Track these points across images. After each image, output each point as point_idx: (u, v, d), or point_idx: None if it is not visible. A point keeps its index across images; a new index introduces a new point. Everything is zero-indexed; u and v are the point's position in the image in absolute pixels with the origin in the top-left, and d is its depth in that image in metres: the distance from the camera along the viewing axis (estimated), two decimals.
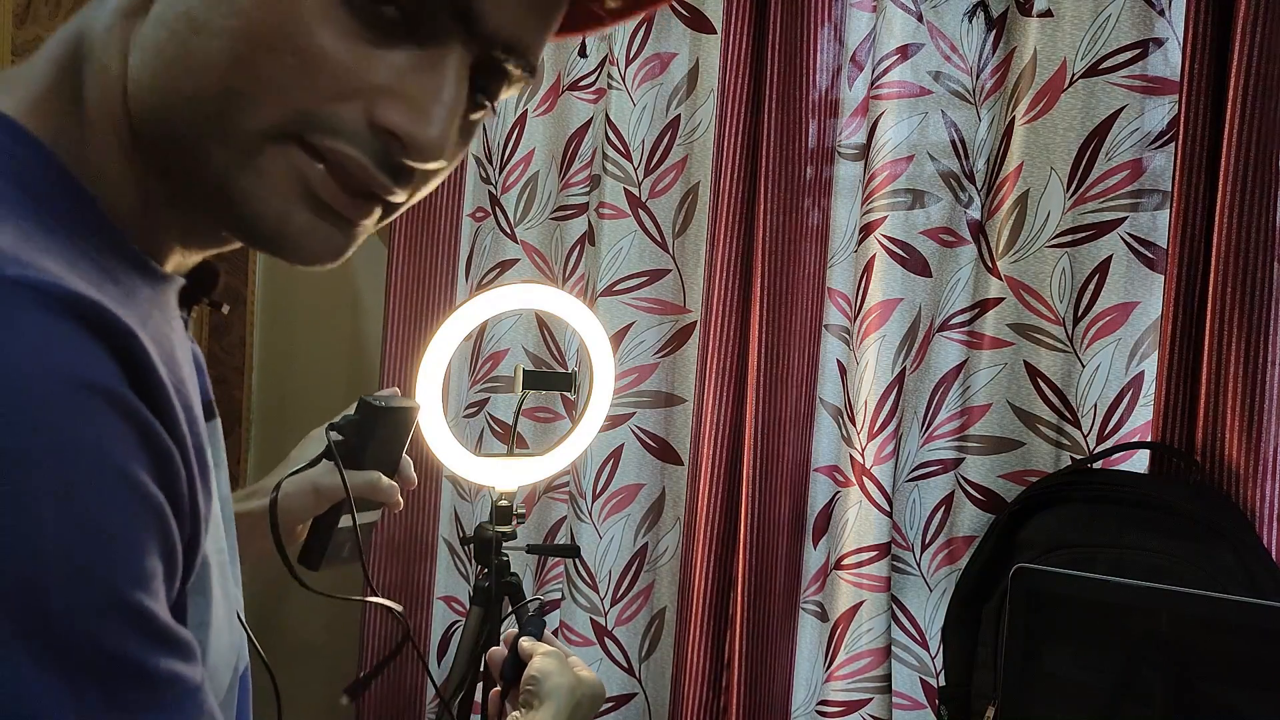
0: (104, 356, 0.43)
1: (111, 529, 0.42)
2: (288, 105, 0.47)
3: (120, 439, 0.42)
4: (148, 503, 0.43)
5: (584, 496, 1.85)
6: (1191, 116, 1.43)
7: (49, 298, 0.41)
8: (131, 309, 0.49)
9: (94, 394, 0.41)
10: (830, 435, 1.75)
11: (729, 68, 1.70)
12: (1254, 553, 1.35)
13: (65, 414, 0.40)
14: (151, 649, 0.43)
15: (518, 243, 1.95)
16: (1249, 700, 1.28)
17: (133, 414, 0.43)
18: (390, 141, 0.48)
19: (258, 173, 0.48)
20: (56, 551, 0.40)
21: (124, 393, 0.43)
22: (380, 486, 0.93)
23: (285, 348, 2.19)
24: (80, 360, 0.42)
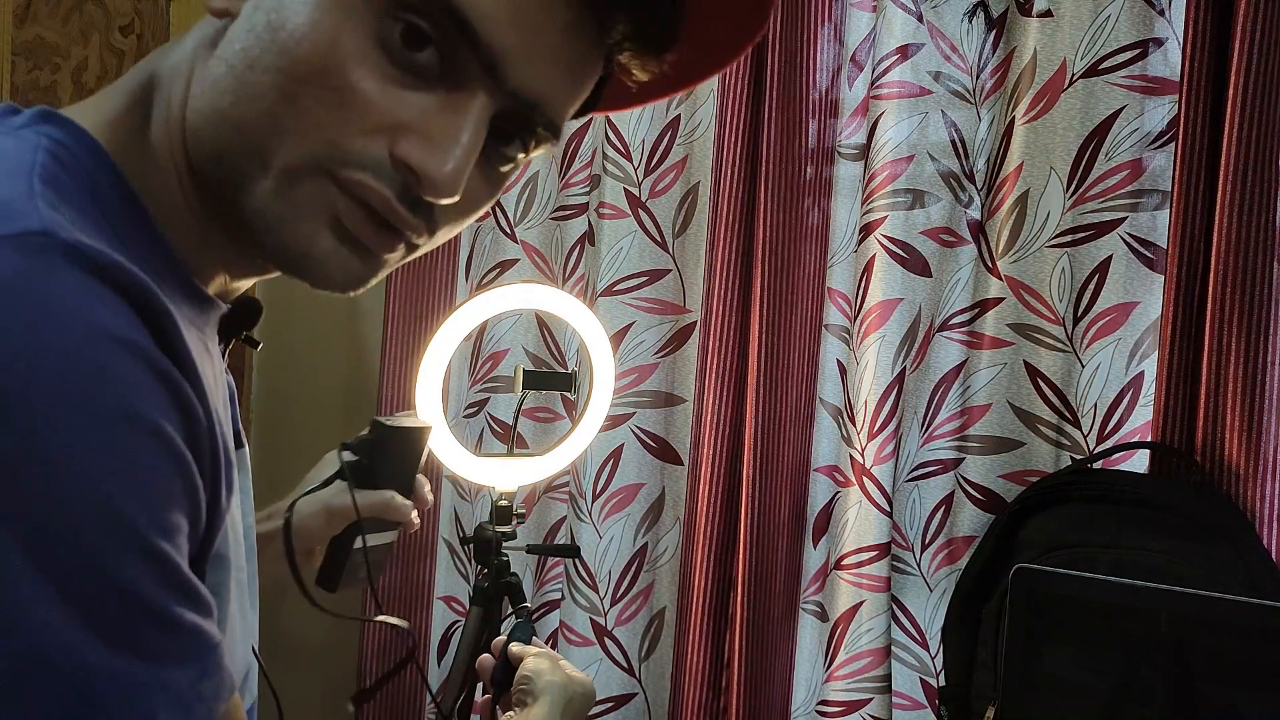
0: (136, 321, 0.46)
1: (140, 477, 0.44)
2: (321, 138, 0.51)
3: (151, 393, 0.45)
4: (175, 456, 0.45)
5: (584, 496, 1.85)
6: (1191, 116, 1.43)
7: (93, 263, 0.45)
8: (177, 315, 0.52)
9: (126, 349, 0.44)
10: (830, 435, 1.75)
11: (729, 68, 1.69)
12: (1254, 553, 1.35)
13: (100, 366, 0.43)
14: (176, 598, 0.45)
15: (518, 243, 1.95)
16: (1249, 700, 1.28)
17: (163, 373, 0.46)
18: (409, 175, 0.52)
19: (291, 202, 0.52)
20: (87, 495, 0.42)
21: (155, 352, 0.45)
22: (394, 505, 0.93)
23: (285, 348, 2.19)
24: (113, 318, 0.44)
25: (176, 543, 0.45)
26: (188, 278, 0.55)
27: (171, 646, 0.44)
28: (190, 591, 0.46)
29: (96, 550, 0.42)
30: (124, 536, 0.43)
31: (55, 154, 0.50)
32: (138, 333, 0.45)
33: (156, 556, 0.44)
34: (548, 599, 1.95)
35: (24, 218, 0.45)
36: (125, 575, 0.43)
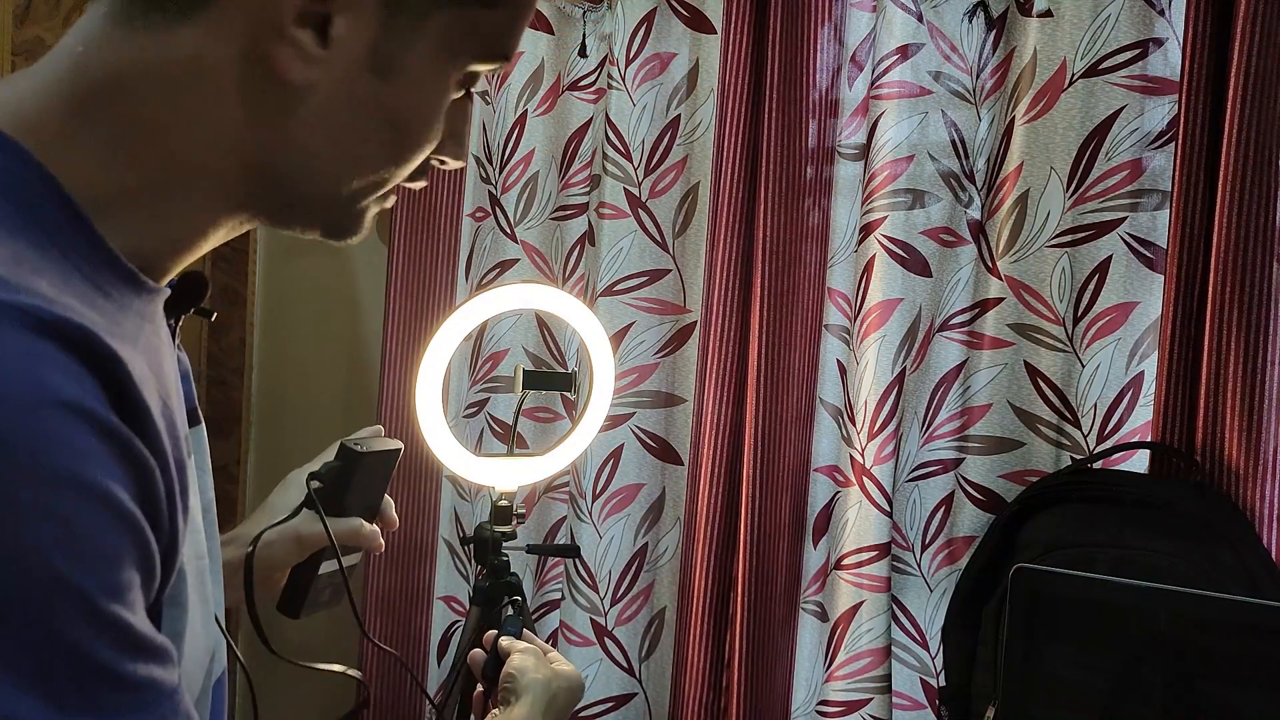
0: (86, 378, 0.46)
1: (88, 543, 0.44)
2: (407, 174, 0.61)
3: (98, 457, 0.45)
4: (124, 518, 0.46)
5: (584, 496, 1.85)
6: (1191, 116, 1.43)
7: (36, 320, 0.45)
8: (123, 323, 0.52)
9: (73, 413, 0.44)
10: (830, 435, 1.75)
11: (729, 68, 1.70)
12: (1254, 553, 1.35)
13: (45, 433, 0.43)
14: (128, 656, 0.45)
15: (518, 243, 1.95)
16: (1249, 700, 1.28)
17: (111, 432, 0.46)
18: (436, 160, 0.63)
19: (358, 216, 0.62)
20: (36, 565, 0.42)
21: (103, 412, 0.46)
22: (363, 533, 0.93)
23: (285, 348, 2.19)
24: (61, 381, 0.44)
25: (128, 600, 0.46)
26: (133, 275, 0.54)
27: (126, 701, 0.45)
28: (144, 645, 0.46)
29: (46, 619, 0.42)
30: (74, 604, 0.43)
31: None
32: (85, 392, 0.45)
33: (107, 620, 0.44)
34: (548, 599, 1.95)
35: None
36: (76, 641, 0.43)
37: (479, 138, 1.97)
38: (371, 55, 0.55)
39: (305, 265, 2.16)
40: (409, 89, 0.57)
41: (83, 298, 0.49)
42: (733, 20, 1.69)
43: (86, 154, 0.52)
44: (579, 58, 1.89)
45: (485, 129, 1.97)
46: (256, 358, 2.19)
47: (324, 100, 0.55)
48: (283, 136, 0.56)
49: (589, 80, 1.90)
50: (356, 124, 0.57)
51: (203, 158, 0.55)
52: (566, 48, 1.91)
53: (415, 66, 0.57)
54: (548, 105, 1.93)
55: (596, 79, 1.89)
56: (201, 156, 0.55)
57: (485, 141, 1.97)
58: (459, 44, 0.58)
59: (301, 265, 2.17)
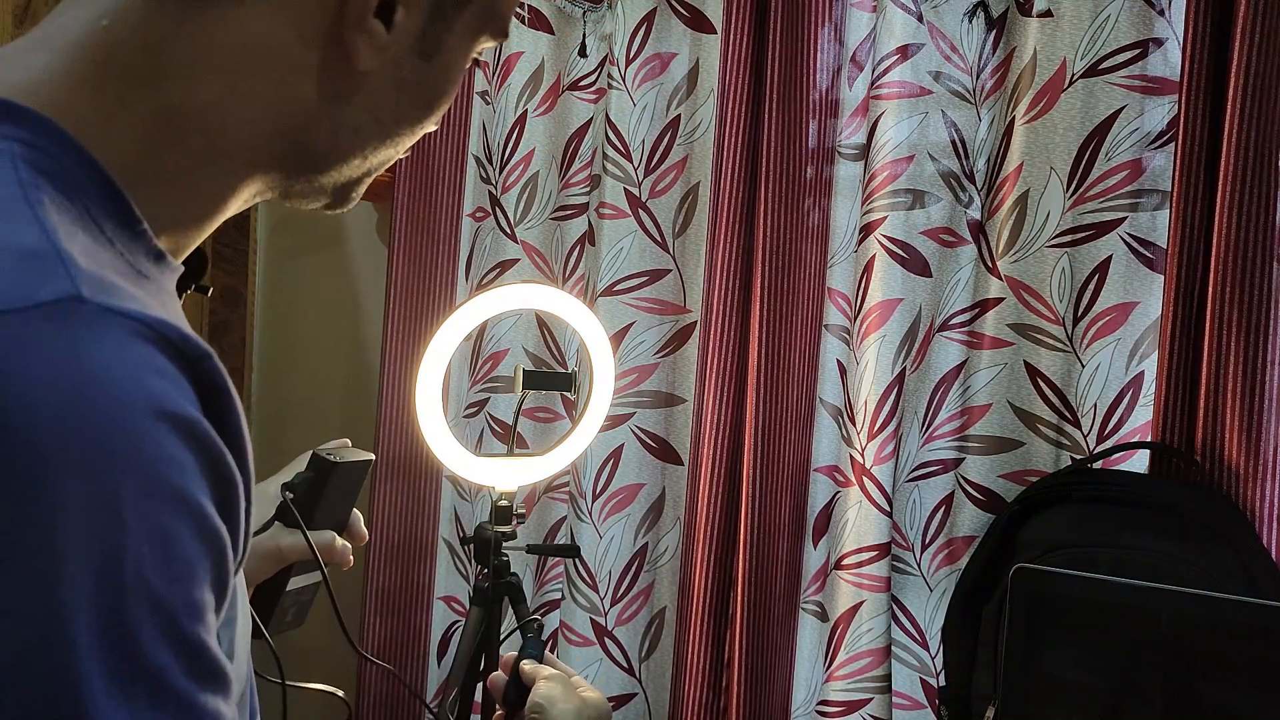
0: (184, 383, 0.46)
1: (181, 562, 0.44)
2: None
3: (194, 471, 0.45)
4: (211, 535, 0.46)
5: (584, 496, 1.85)
6: (1191, 116, 1.43)
7: (138, 326, 0.45)
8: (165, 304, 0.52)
9: (175, 424, 0.44)
10: (830, 435, 1.75)
11: (729, 68, 1.70)
12: (1254, 553, 1.35)
13: (151, 444, 0.43)
14: (201, 683, 0.45)
15: (518, 243, 1.95)
16: (1249, 700, 1.28)
17: (205, 444, 0.46)
18: None
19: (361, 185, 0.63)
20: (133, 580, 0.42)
21: (199, 421, 0.46)
22: (335, 547, 0.91)
23: (285, 348, 2.19)
24: (164, 389, 0.45)
25: (206, 621, 0.46)
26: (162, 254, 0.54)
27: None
28: (215, 673, 0.46)
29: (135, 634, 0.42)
30: (162, 623, 0.43)
31: (35, 164, 0.48)
32: (185, 401, 0.45)
33: (188, 644, 0.44)
34: (548, 599, 1.95)
35: (52, 281, 0.44)
36: (158, 662, 0.43)
37: (479, 138, 1.97)
38: (420, 40, 0.58)
39: (305, 265, 2.16)
40: (444, 68, 0.60)
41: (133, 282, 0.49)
42: (733, 20, 1.69)
43: (124, 135, 0.52)
44: (579, 58, 1.89)
45: (485, 129, 1.97)
46: (256, 358, 2.19)
47: (376, 83, 0.58)
48: (336, 118, 0.58)
49: (589, 80, 1.90)
50: (398, 103, 0.59)
51: (250, 137, 0.56)
52: (566, 48, 1.91)
53: (451, 47, 0.60)
54: (548, 105, 1.93)
55: (596, 79, 1.89)
56: (249, 136, 0.56)
57: (485, 141, 1.97)
58: (483, 22, 0.61)
59: (301, 265, 2.17)
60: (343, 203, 0.63)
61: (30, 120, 0.49)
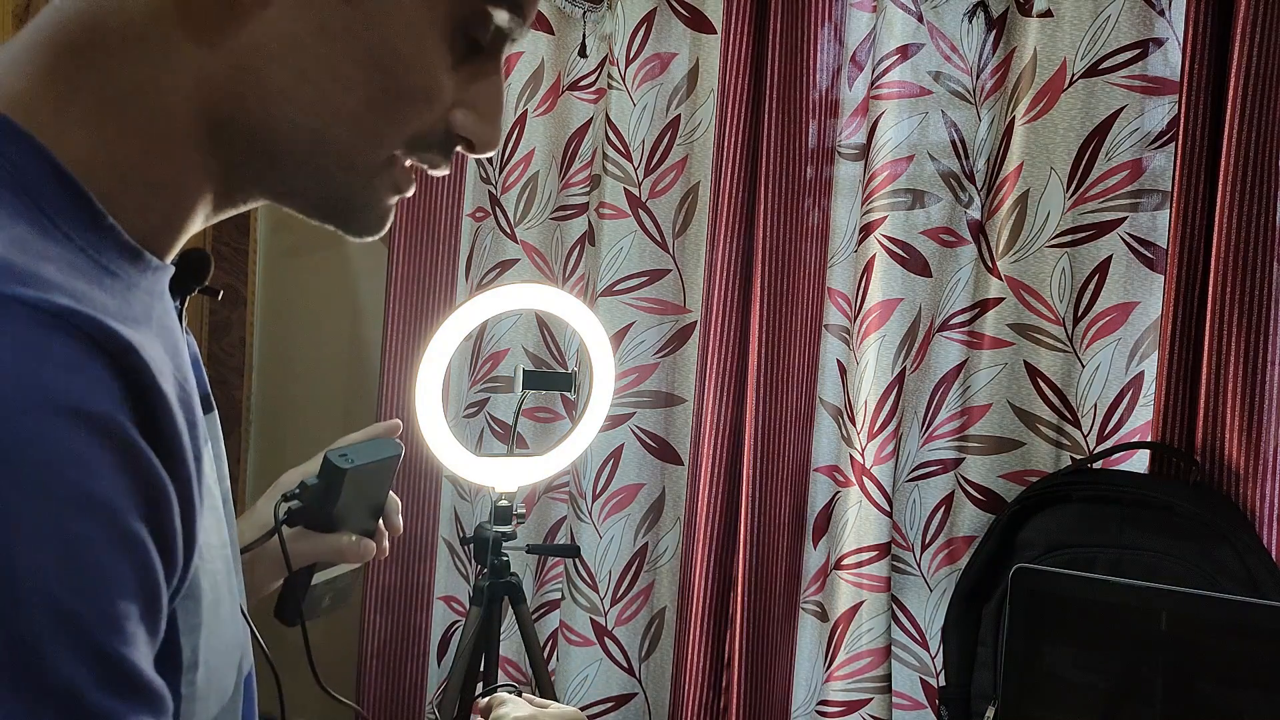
0: (104, 377, 0.42)
1: (91, 571, 0.41)
2: (406, 136, 0.55)
3: (107, 472, 0.41)
4: (127, 541, 0.42)
5: (584, 496, 1.85)
6: (1191, 116, 1.43)
7: (41, 314, 0.41)
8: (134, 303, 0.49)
9: (81, 421, 0.41)
10: (830, 435, 1.75)
11: (729, 68, 1.70)
12: (1254, 553, 1.35)
13: (51, 444, 0.40)
14: (119, 697, 0.41)
15: (518, 243, 1.95)
16: (1249, 700, 1.28)
17: (123, 443, 0.42)
18: (462, 143, 0.57)
19: (372, 189, 0.56)
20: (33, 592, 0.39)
21: (116, 419, 0.42)
22: (345, 549, 0.86)
23: (285, 348, 2.19)
24: (68, 383, 0.41)
25: (126, 633, 0.42)
26: (139, 253, 0.50)
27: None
28: (137, 687, 0.42)
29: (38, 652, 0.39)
30: (69, 637, 0.40)
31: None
32: (96, 395, 0.41)
33: (102, 657, 0.41)
34: (548, 599, 1.95)
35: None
36: (69, 679, 0.40)
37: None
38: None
39: (305, 265, 2.16)
40: (385, 22, 0.52)
41: (90, 279, 0.46)
42: (733, 20, 1.69)
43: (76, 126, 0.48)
44: (579, 58, 1.89)
45: None
46: (256, 358, 2.19)
47: (283, 25, 0.51)
48: (258, 82, 0.51)
49: (589, 80, 1.90)
50: (329, 59, 0.51)
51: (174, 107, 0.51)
52: (566, 48, 1.91)
53: None
54: (548, 105, 1.93)
55: (596, 79, 1.89)
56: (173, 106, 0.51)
57: None
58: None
59: (302, 265, 2.16)
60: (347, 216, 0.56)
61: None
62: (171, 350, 0.51)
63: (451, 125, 0.56)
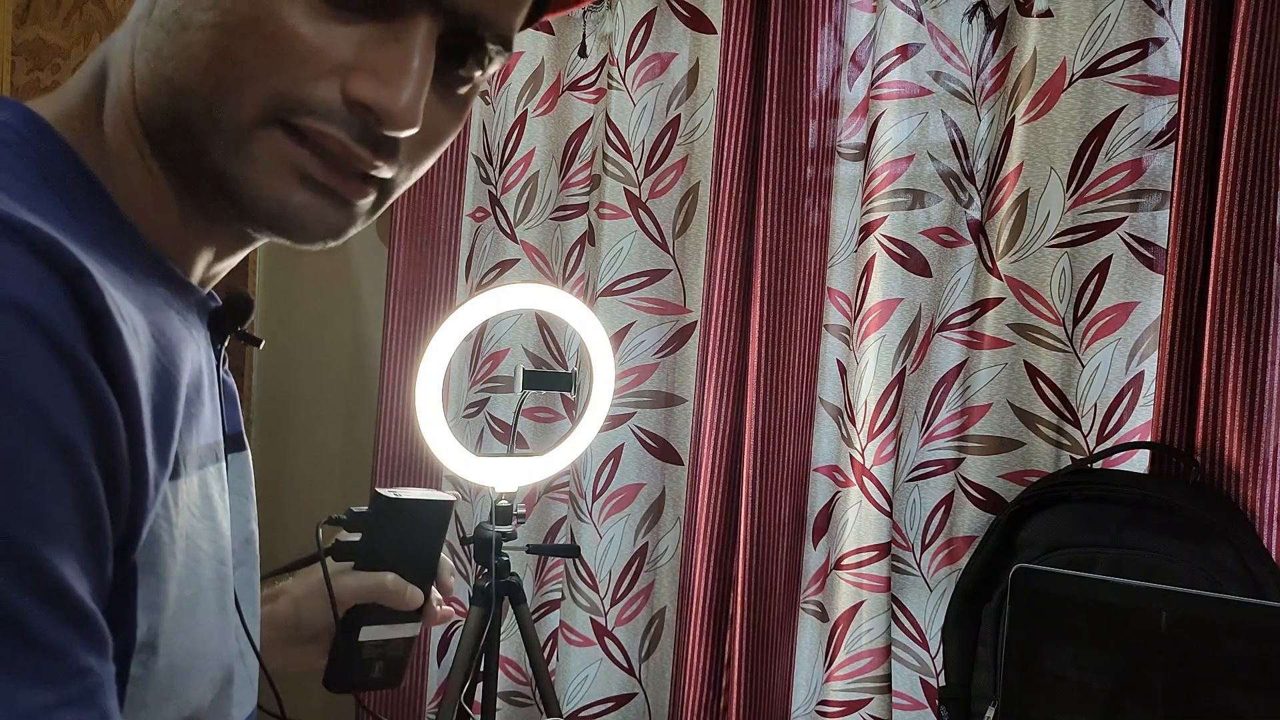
0: (53, 288, 0.41)
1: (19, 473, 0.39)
2: (266, 89, 0.49)
3: (49, 378, 0.40)
4: (64, 446, 0.41)
5: (584, 496, 1.85)
6: (1191, 116, 1.43)
7: (19, 234, 0.41)
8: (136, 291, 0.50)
9: (29, 322, 0.40)
10: (830, 435, 1.75)
11: (729, 68, 1.70)
12: (1254, 553, 1.35)
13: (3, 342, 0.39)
14: (36, 602, 0.40)
15: (518, 243, 1.95)
16: (1249, 700, 1.28)
17: (66, 350, 0.41)
18: (365, 115, 0.50)
19: (250, 159, 0.50)
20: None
21: (60, 324, 0.41)
22: (391, 589, 0.79)
23: (285, 348, 2.19)
24: (19, 284, 0.40)
25: (53, 541, 0.40)
26: (158, 257, 0.52)
27: (24, 661, 0.39)
28: (63, 600, 0.40)
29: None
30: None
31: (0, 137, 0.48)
32: (46, 302, 0.41)
33: (22, 552, 0.39)
34: (548, 599, 1.95)
35: None
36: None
37: (479, 138, 1.97)
38: None
39: (306, 265, 2.16)
40: None
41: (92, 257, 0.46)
42: (733, 20, 1.69)
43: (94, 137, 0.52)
44: (579, 58, 1.89)
45: (485, 129, 1.97)
46: (257, 358, 2.19)
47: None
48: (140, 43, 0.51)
49: (589, 80, 1.90)
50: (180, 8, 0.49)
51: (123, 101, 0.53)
52: (566, 48, 1.91)
53: None
54: (548, 105, 1.93)
55: (596, 79, 1.89)
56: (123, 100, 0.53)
57: (485, 141, 1.97)
58: None
59: (302, 265, 2.17)
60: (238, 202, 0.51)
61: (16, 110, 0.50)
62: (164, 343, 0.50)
63: (344, 89, 0.49)
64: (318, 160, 0.50)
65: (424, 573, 0.82)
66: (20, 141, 0.48)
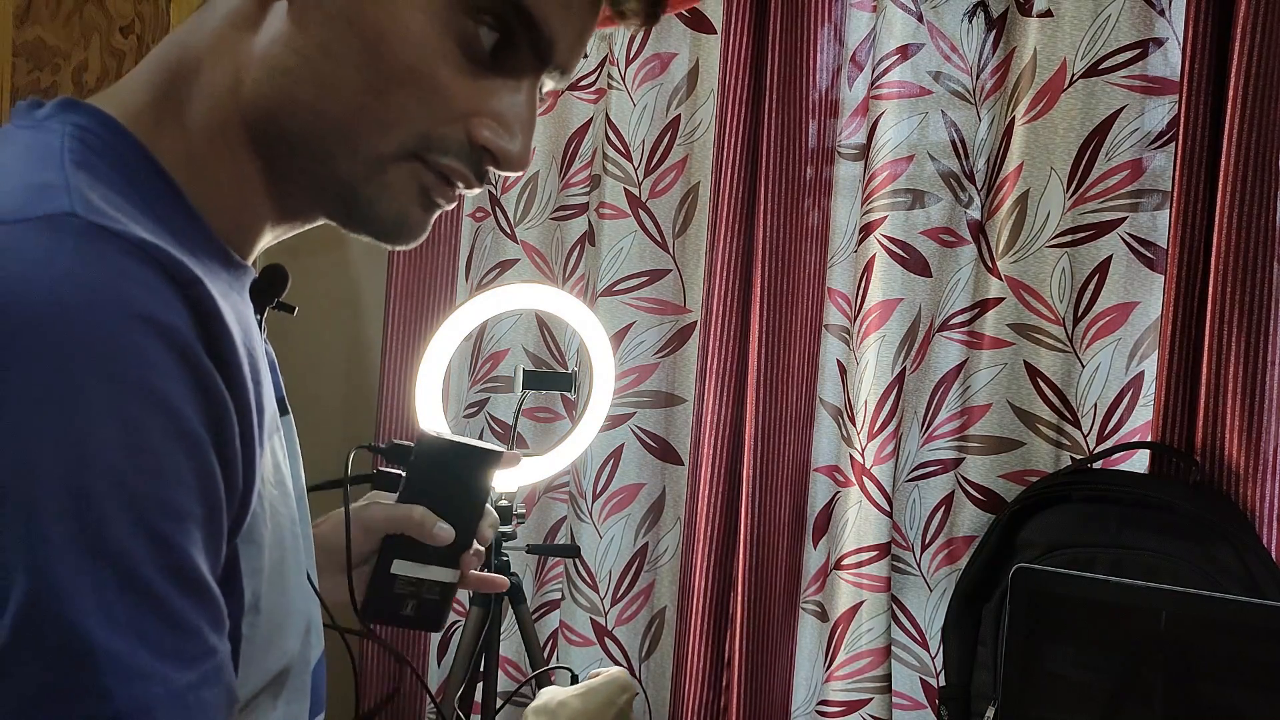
0: (173, 299, 0.47)
1: (150, 455, 0.44)
2: (413, 130, 0.56)
3: (172, 374, 0.45)
4: (189, 438, 0.46)
5: (584, 496, 1.85)
6: (1191, 116, 1.43)
7: (127, 242, 0.46)
8: (214, 283, 0.53)
9: (153, 328, 0.45)
10: (830, 435, 1.75)
11: (729, 68, 1.70)
12: (1254, 553, 1.35)
13: (124, 342, 0.44)
14: (177, 587, 0.44)
15: (518, 243, 1.95)
16: (1249, 700, 1.28)
17: (189, 355, 0.46)
18: (485, 155, 0.58)
19: (384, 185, 0.57)
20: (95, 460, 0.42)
21: (184, 333, 0.46)
22: (415, 520, 0.80)
23: (285, 348, 2.18)
24: (146, 297, 0.45)
25: (185, 528, 0.45)
26: (222, 248, 0.57)
27: (170, 643, 0.44)
28: (195, 584, 0.45)
29: (98, 514, 0.42)
30: (127, 508, 0.43)
31: (83, 140, 0.52)
32: (168, 312, 0.46)
33: (159, 538, 0.44)
34: (548, 599, 1.95)
35: (52, 200, 0.47)
36: (122, 543, 0.42)
37: None
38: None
39: (305, 265, 2.16)
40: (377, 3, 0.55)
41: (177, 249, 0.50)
42: (733, 20, 1.69)
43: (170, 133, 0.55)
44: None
45: None
46: None
47: (291, 10, 0.56)
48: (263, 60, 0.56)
49: (589, 80, 1.90)
50: (322, 37, 0.55)
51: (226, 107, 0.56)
52: None
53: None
54: (548, 105, 1.93)
55: (596, 79, 1.89)
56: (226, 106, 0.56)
57: None
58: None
59: (302, 265, 2.16)
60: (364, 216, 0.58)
61: (92, 113, 0.54)
62: (245, 327, 0.56)
63: (471, 134, 0.57)
64: (442, 183, 0.58)
65: (464, 520, 0.82)
66: (103, 146, 0.52)
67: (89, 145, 0.52)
